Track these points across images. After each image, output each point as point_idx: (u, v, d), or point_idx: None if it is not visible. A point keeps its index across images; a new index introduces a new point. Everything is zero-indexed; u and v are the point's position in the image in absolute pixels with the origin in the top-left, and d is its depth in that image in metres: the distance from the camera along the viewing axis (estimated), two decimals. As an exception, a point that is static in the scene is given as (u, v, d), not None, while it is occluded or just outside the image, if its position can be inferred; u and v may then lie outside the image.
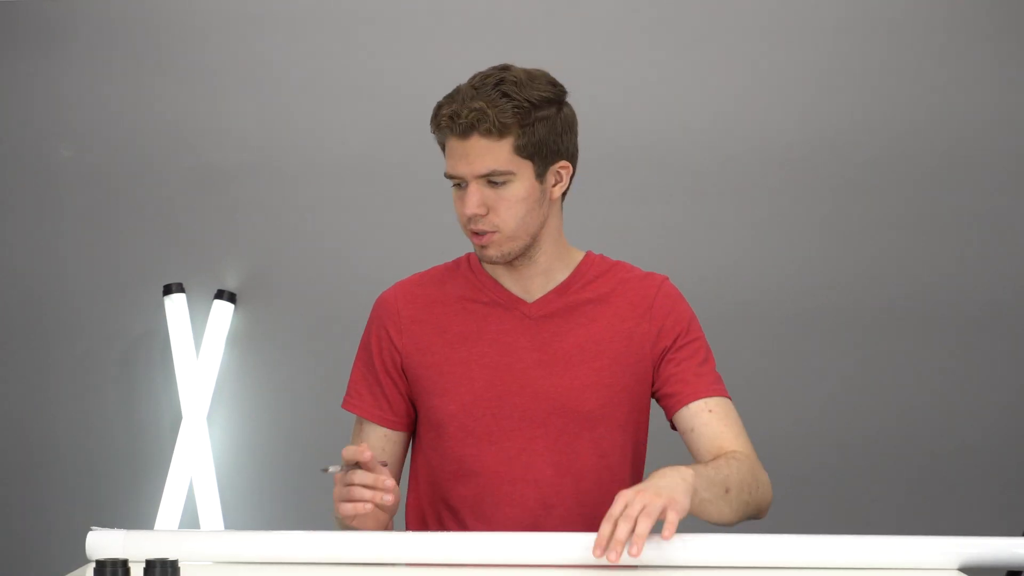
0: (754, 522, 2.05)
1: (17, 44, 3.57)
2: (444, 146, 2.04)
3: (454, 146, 2.02)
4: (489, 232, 2.03)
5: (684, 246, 3.44)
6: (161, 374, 3.54)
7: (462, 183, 2.03)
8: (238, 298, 3.52)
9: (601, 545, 1.74)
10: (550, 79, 2.05)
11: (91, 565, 1.71)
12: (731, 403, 2.09)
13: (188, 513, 3.45)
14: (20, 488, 3.57)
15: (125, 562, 1.58)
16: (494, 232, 2.03)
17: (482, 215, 2.02)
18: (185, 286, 3.50)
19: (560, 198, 2.10)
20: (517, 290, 2.12)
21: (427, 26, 3.51)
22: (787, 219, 3.44)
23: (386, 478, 1.91)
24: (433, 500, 2.12)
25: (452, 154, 2.02)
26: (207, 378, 3.48)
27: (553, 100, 2.03)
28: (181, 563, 1.59)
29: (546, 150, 2.03)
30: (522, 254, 2.07)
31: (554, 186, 2.07)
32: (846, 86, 3.42)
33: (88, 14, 3.56)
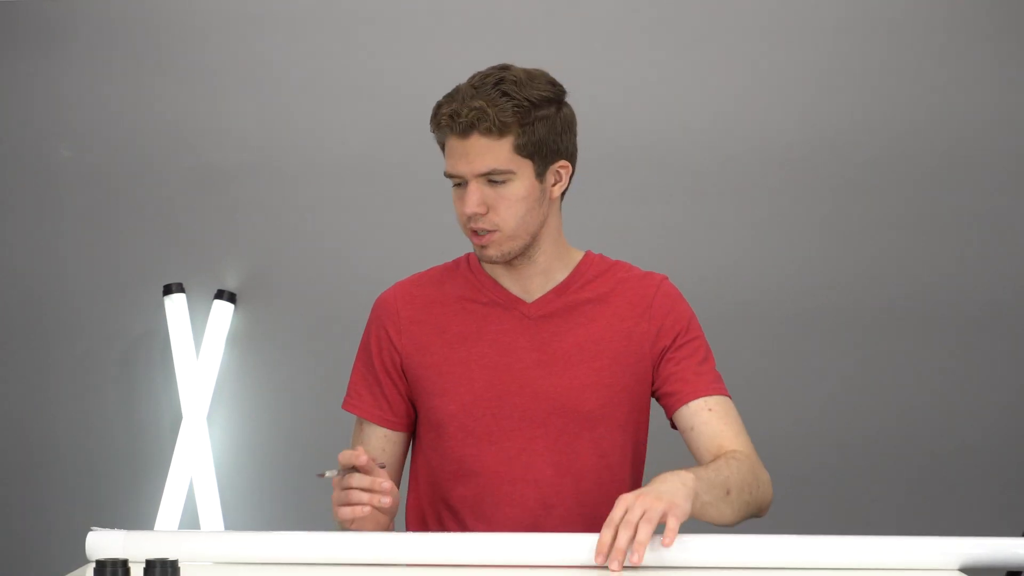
0: (754, 522, 2.05)
1: (17, 44, 3.57)
2: (444, 145, 2.04)
3: (454, 145, 2.02)
4: (489, 232, 2.03)
5: (684, 246, 3.44)
6: (161, 374, 3.54)
7: (462, 182, 2.03)
8: (238, 298, 3.52)
9: (603, 552, 1.75)
10: (549, 79, 2.06)
11: (91, 565, 1.71)
12: (731, 402, 2.09)
13: (188, 513, 3.45)
14: (20, 488, 3.57)
15: (125, 562, 1.58)
16: (494, 231, 2.03)
17: (482, 214, 2.02)
18: (185, 286, 3.50)
19: (559, 198, 2.10)
20: (516, 290, 2.12)
21: (427, 26, 3.51)
22: (787, 219, 3.44)
23: (383, 480, 1.90)
24: (433, 500, 2.12)
25: (452, 153, 2.02)
26: (207, 378, 3.48)
27: (553, 99, 2.04)
28: (181, 563, 1.59)
29: (546, 149, 2.03)
30: (521, 254, 2.07)
31: (554, 185, 2.07)
32: (846, 86, 3.42)
33: (88, 14, 3.56)
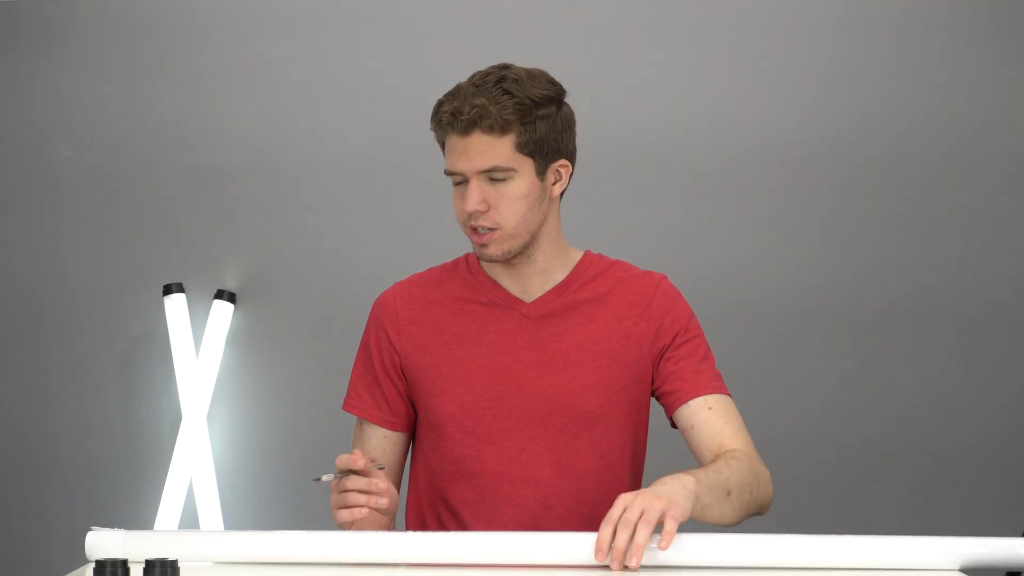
0: (754, 522, 2.04)
1: (17, 44, 3.57)
2: (444, 144, 2.04)
3: (455, 143, 2.01)
4: (490, 230, 2.03)
5: (684, 246, 3.44)
6: (161, 374, 3.54)
7: (462, 180, 2.03)
8: (238, 298, 3.52)
9: (603, 550, 1.74)
10: (549, 78, 2.06)
11: (91, 565, 1.71)
12: (731, 400, 2.09)
13: (188, 513, 3.45)
14: (20, 488, 3.57)
15: (125, 562, 1.58)
16: (495, 230, 2.03)
17: (483, 211, 2.01)
18: (185, 286, 3.50)
19: (559, 198, 2.10)
20: (515, 290, 2.12)
21: (427, 26, 3.51)
22: (787, 219, 3.44)
23: (379, 481, 1.90)
24: (433, 500, 2.12)
25: (452, 151, 2.02)
26: (207, 378, 3.48)
27: (553, 98, 2.04)
28: (181, 563, 1.59)
29: (547, 147, 2.03)
30: (521, 253, 2.07)
31: (554, 184, 2.07)
32: (846, 86, 3.42)
33: (88, 14, 3.56)
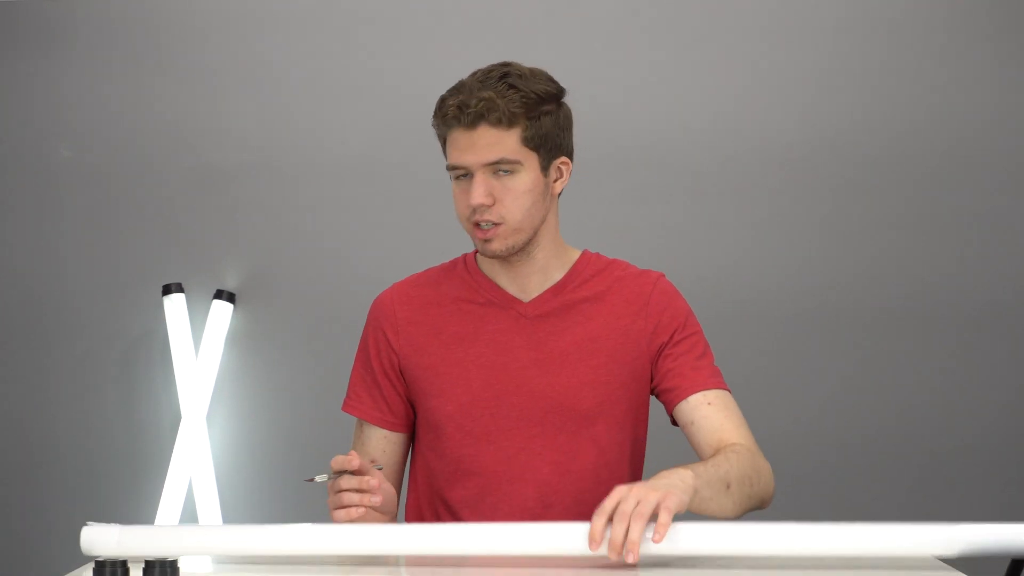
0: (755, 516, 2.04)
1: (17, 44, 3.57)
2: (445, 140, 2.04)
3: (459, 137, 2.01)
4: (494, 225, 2.03)
5: (684, 246, 3.44)
6: (161, 374, 3.54)
7: (466, 174, 2.03)
8: (237, 298, 3.52)
9: (596, 539, 1.71)
10: (549, 76, 2.07)
11: (90, 565, 1.71)
12: (730, 395, 2.09)
13: (187, 513, 3.45)
14: (20, 488, 3.57)
15: (124, 562, 1.58)
16: (499, 224, 2.03)
17: (488, 205, 2.01)
18: (184, 286, 3.50)
19: (558, 196, 2.10)
20: (513, 289, 2.12)
21: (427, 26, 3.51)
22: (787, 219, 3.44)
23: (371, 479, 1.90)
24: (432, 500, 2.12)
25: (456, 145, 2.02)
26: (206, 378, 3.48)
27: (555, 95, 2.06)
28: (180, 561, 1.59)
29: (551, 143, 2.04)
30: (522, 250, 2.07)
31: (555, 181, 2.08)
32: (846, 86, 3.42)
33: (88, 14, 3.56)
